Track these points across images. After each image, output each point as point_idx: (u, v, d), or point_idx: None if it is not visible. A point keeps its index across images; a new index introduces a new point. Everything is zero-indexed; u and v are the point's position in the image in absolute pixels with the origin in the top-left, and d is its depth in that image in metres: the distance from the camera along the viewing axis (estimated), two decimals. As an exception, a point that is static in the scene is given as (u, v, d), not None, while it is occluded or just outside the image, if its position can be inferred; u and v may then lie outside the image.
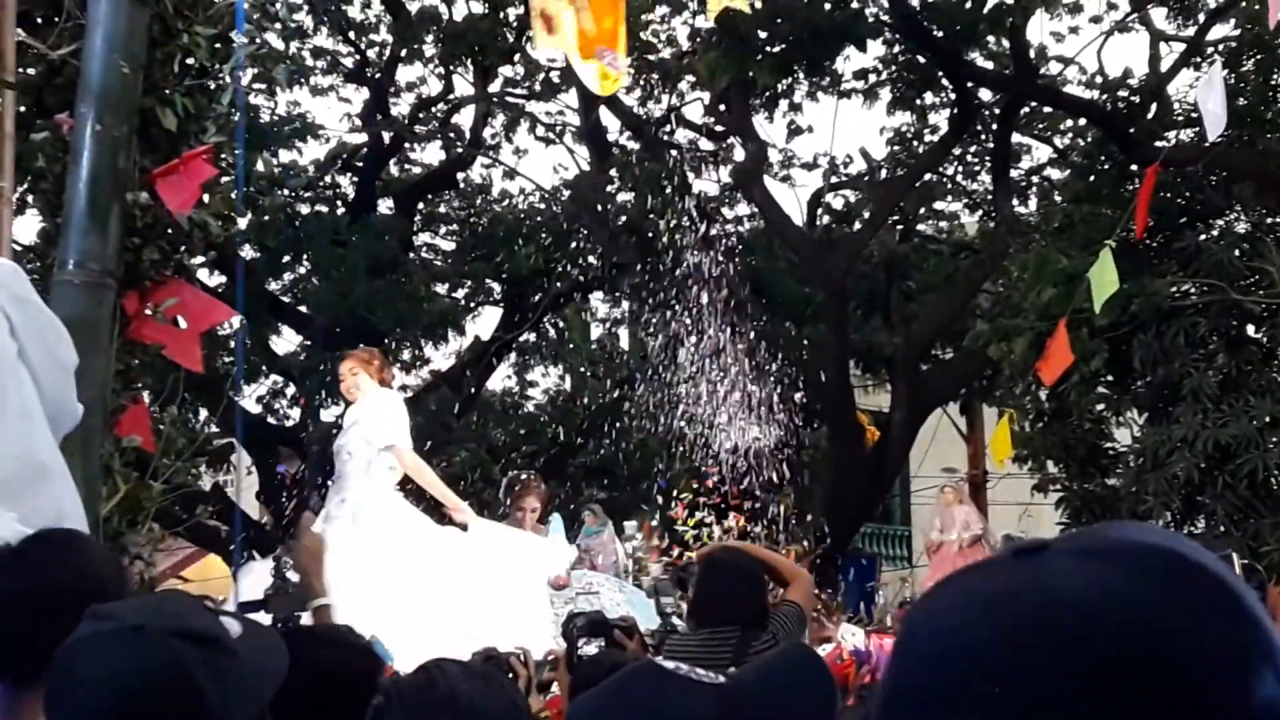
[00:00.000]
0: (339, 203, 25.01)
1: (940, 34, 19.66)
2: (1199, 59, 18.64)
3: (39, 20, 6.88)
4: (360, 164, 25.25)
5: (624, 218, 22.66)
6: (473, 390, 24.90)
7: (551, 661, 6.19)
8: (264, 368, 22.69)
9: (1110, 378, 15.73)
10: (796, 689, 1.89)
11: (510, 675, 5.38)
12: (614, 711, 1.84)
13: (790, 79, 21.60)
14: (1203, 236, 15.55)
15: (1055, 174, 23.00)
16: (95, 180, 5.91)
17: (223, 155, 7.65)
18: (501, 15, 22.86)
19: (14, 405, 3.95)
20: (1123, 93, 19.34)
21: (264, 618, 6.13)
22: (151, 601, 2.51)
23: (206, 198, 6.77)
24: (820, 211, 25.22)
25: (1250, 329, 15.26)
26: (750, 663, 2.11)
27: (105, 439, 5.93)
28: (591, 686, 2.05)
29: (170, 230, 6.33)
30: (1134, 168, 16.79)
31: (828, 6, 18.95)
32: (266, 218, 22.02)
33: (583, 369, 25.69)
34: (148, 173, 6.26)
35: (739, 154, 22.89)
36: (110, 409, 6.01)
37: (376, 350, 11.09)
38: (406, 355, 24.69)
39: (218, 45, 6.87)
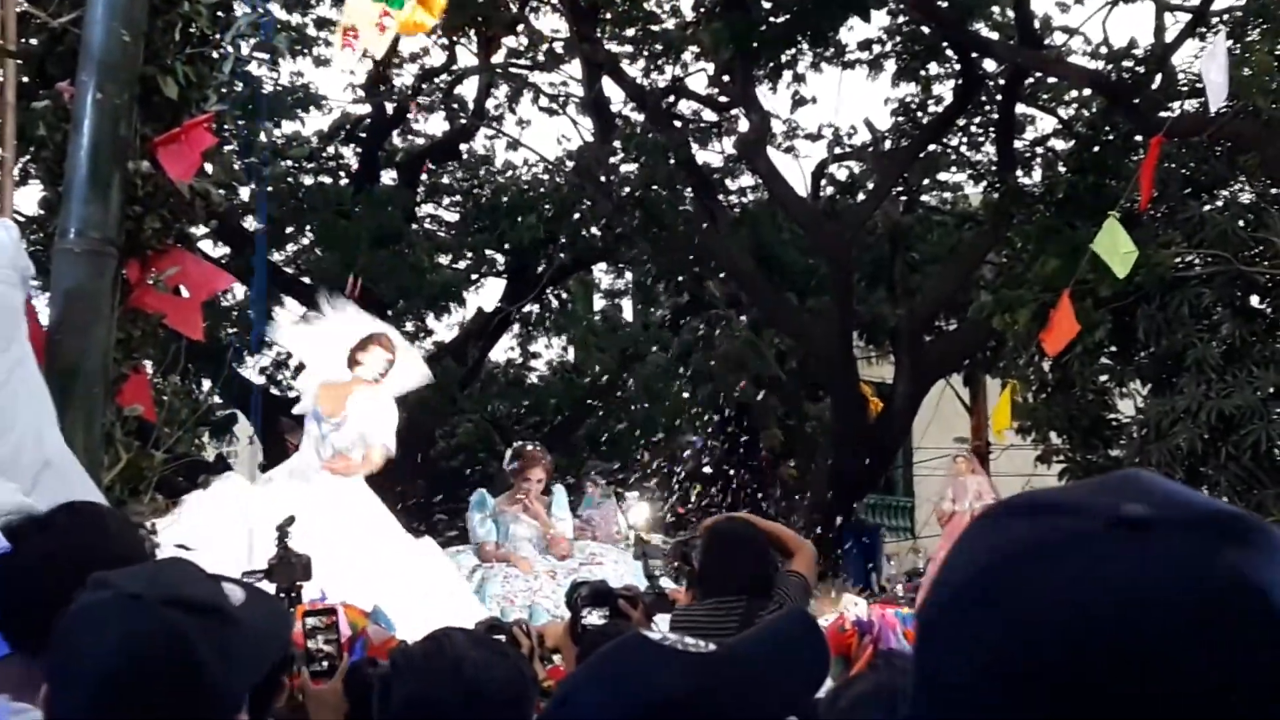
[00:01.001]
0: (342, 174, 25.02)
1: (945, 4, 19.60)
2: (1204, 29, 18.53)
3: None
4: (363, 135, 25.24)
5: (627, 189, 22.64)
6: (476, 361, 24.92)
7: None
8: (267, 339, 22.69)
9: (1114, 348, 15.71)
10: (786, 660, 1.88)
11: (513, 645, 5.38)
12: (595, 684, 1.83)
13: (794, 50, 21.57)
14: (1207, 207, 15.49)
15: (1059, 144, 22.92)
16: (96, 148, 5.90)
17: (225, 126, 7.65)
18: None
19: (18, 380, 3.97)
20: (1127, 63, 19.24)
21: (267, 587, 6.15)
22: (150, 569, 2.49)
23: (210, 167, 6.77)
24: (824, 182, 25.19)
25: (1255, 300, 15.23)
26: (747, 631, 2.10)
27: (107, 408, 5.93)
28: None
29: (171, 199, 6.32)
30: (1138, 138, 16.75)
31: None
32: (270, 188, 22.01)
33: (587, 340, 25.72)
34: (149, 141, 6.25)
35: (743, 125, 22.87)
36: (112, 378, 6.00)
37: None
38: (410, 326, 24.73)
39: (220, 14, 6.86)
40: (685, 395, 25.35)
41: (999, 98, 21.95)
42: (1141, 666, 1.00)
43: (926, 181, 26.09)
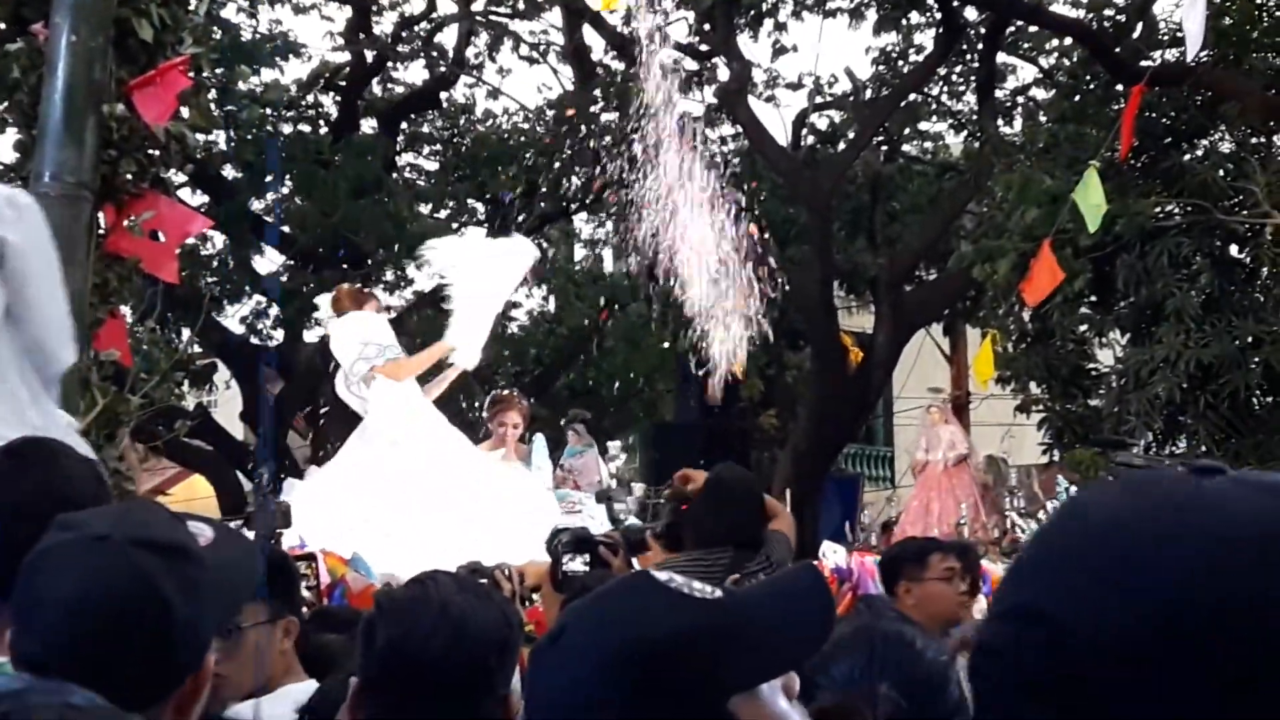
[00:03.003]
0: (321, 122, 24.90)
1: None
2: (1186, -23, 18.52)
3: (13, -69, 6.80)
4: (343, 83, 25.11)
5: (608, 138, 22.58)
6: (456, 311, 24.84)
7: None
8: (247, 288, 22.65)
9: (1093, 298, 15.74)
10: (792, 613, 1.87)
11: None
12: (596, 618, 1.82)
13: (775, -2, 21.51)
14: (1187, 156, 15.53)
15: (1040, 94, 22.93)
16: (71, 92, 5.87)
17: (204, 73, 7.59)
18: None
19: None
20: (1109, 12, 19.22)
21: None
22: (116, 511, 2.48)
23: (186, 112, 6.73)
24: (805, 132, 25.10)
25: (1234, 249, 15.28)
26: (759, 581, 2.10)
27: (83, 353, 5.90)
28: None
29: (147, 142, 6.29)
30: (1119, 87, 16.73)
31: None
32: (250, 136, 21.91)
33: (567, 290, 25.68)
34: (124, 84, 6.21)
35: (723, 74, 22.79)
36: (88, 323, 5.97)
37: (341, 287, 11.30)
38: (389, 276, 24.66)
39: (196, -42, 6.82)
40: (665, 345, 25.36)
41: (980, 47, 21.92)
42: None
43: (907, 131, 26.06)
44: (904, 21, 22.81)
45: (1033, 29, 22.03)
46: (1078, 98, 17.86)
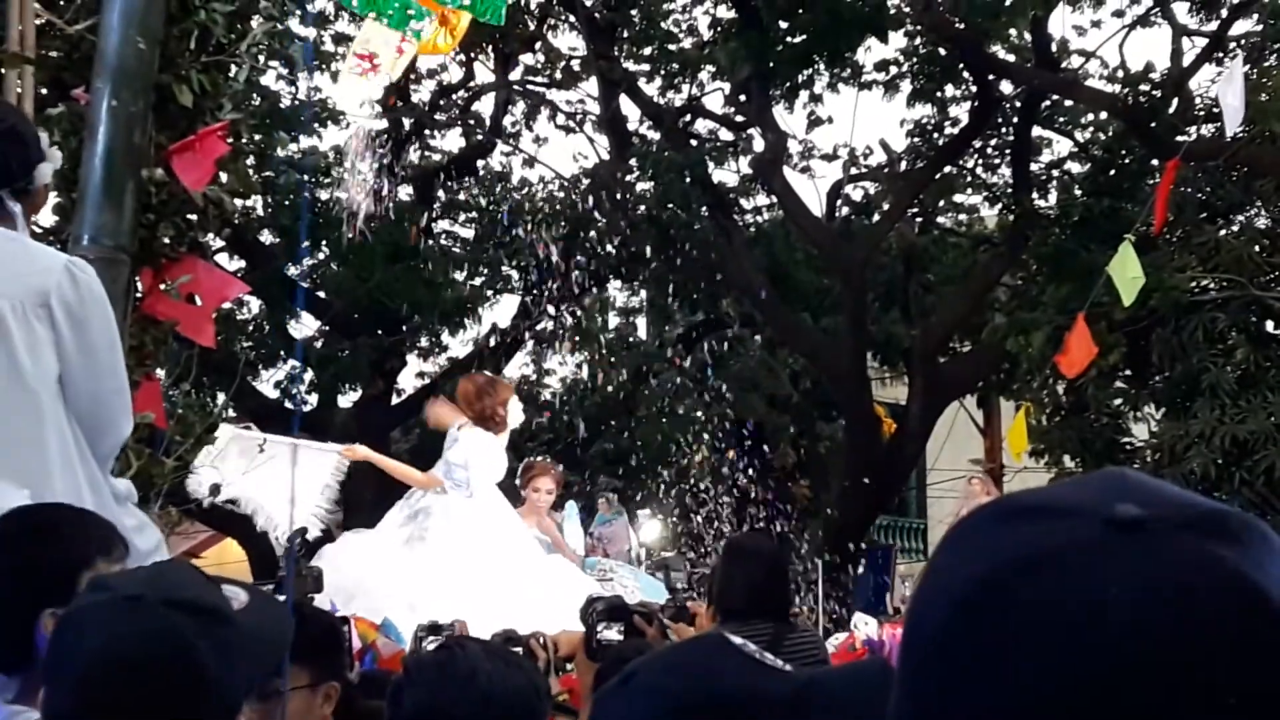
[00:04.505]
0: (358, 188, 25.03)
1: (962, 26, 19.60)
2: (1221, 54, 18.55)
3: (59, -3, 6.88)
4: (380, 150, 25.24)
5: (643, 207, 22.65)
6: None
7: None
8: (281, 353, 22.71)
9: (1128, 372, 15.69)
10: (859, 703, 1.87)
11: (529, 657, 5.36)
12: (667, 667, 1.82)
13: (811, 70, 21.57)
14: (1222, 231, 15.49)
15: (1075, 167, 22.92)
16: (110, 156, 5.90)
17: (243, 138, 7.64)
18: (523, 2, 22.84)
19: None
20: (1144, 87, 19.23)
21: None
22: (150, 572, 2.49)
23: (224, 177, 6.77)
24: (839, 203, 25.16)
25: (1270, 325, 15.22)
26: (832, 667, 2.10)
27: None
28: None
29: (185, 206, 6.33)
30: (1154, 162, 16.74)
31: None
32: (288, 202, 22.03)
33: (600, 356, 25.69)
34: (163, 149, 6.25)
35: (759, 144, 22.88)
36: (123, 385, 5.99)
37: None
38: (424, 342, 24.73)
39: (238, 26, 6.86)
40: (699, 414, 25.32)
41: (1015, 120, 21.96)
42: (1154, 674, 0.98)
43: (942, 203, 26.07)
44: (939, 94, 22.88)
45: (1068, 103, 22.08)
46: (1113, 172, 17.88)
